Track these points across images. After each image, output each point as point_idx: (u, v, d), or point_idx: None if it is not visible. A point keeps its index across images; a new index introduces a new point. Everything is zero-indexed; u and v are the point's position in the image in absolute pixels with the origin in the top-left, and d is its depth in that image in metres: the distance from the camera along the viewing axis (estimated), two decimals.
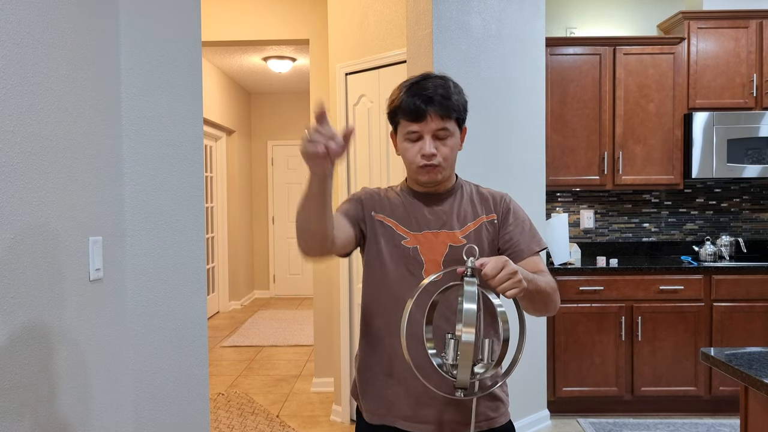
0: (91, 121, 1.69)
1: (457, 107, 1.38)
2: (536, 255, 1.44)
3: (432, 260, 1.41)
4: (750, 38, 3.72)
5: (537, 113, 3.40)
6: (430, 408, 1.39)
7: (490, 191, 1.52)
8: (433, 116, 1.35)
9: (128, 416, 1.92)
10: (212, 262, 7.09)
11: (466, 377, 1.11)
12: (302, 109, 8.09)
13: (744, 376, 1.47)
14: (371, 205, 1.47)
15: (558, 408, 3.57)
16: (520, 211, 1.49)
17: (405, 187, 1.51)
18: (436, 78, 1.39)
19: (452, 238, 1.42)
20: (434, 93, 1.34)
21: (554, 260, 3.58)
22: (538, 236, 1.48)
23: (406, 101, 1.36)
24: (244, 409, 3.85)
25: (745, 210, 4.15)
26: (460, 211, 1.46)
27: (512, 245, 1.44)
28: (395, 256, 1.42)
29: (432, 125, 1.36)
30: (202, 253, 2.03)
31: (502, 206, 1.48)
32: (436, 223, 1.44)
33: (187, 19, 1.97)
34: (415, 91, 1.36)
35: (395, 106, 1.40)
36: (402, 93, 1.38)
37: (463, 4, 3.00)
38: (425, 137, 1.37)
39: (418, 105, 1.34)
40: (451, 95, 1.36)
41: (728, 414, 3.53)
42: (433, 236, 1.42)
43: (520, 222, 1.46)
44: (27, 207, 1.39)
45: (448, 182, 1.48)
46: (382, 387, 1.44)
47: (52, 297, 1.50)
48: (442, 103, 1.35)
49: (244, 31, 4.18)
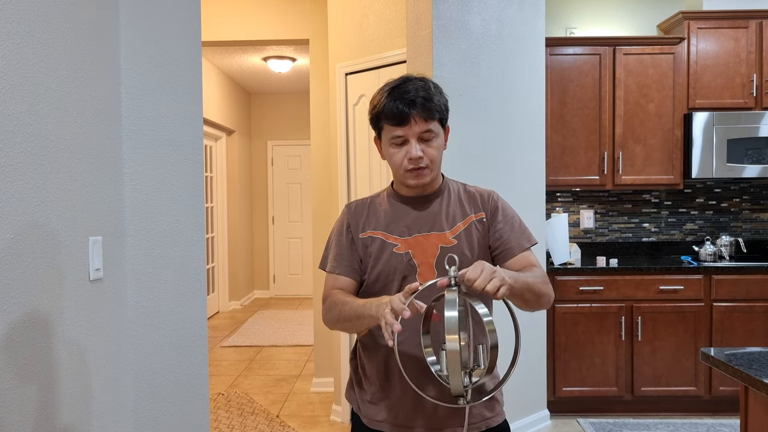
0: (91, 121, 1.69)
1: (439, 108, 1.38)
2: (527, 251, 1.45)
3: (425, 263, 1.41)
4: (750, 38, 3.72)
5: (537, 113, 3.40)
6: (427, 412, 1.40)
7: (477, 189, 1.52)
8: (416, 119, 1.34)
9: (128, 416, 1.92)
10: (212, 262, 7.09)
11: (458, 384, 1.12)
12: (302, 109, 8.09)
13: (744, 376, 1.47)
14: (356, 226, 1.48)
15: (558, 408, 3.57)
16: (508, 208, 1.50)
17: (391, 192, 1.51)
18: (416, 80, 1.38)
19: (443, 239, 1.42)
20: (416, 96, 1.34)
21: (554, 260, 3.58)
22: (527, 232, 1.48)
23: (388, 106, 1.35)
24: (244, 409, 3.85)
25: (745, 210, 4.15)
26: (448, 212, 1.45)
27: (502, 243, 1.44)
28: (389, 264, 1.42)
29: (416, 128, 1.35)
30: (202, 253, 2.03)
31: (490, 204, 1.48)
32: (426, 225, 1.44)
33: (187, 19, 1.97)
34: (397, 95, 1.35)
35: (377, 111, 1.39)
36: (383, 97, 1.37)
37: (463, 4, 3.00)
38: (411, 141, 1.36)
39: (401, 109, 1.34)
40: (432, 96, 1.36)
41: (728, 414, 3.53)
42: (423, 239, 1.42)
43: (509, 219, 1.47)
44: (27, 207, 1.39)
45: (434, 183, 1.47)
46: (379, 392, 1.44)
47: (52, 297, 1.50)
48: (425, 105, 1.34)
49: (244, 31, 4.18)
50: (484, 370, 1.20)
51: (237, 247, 7.52)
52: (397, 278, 1.41)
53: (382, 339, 1.43)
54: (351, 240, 1.48)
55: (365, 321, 1.30)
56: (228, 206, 7.40)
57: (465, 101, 3.02)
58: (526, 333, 3.30)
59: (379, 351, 1.44)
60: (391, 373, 1.42)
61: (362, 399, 1.48)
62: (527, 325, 3.25)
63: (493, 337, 1.16)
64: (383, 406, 1.44)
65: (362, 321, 1.31)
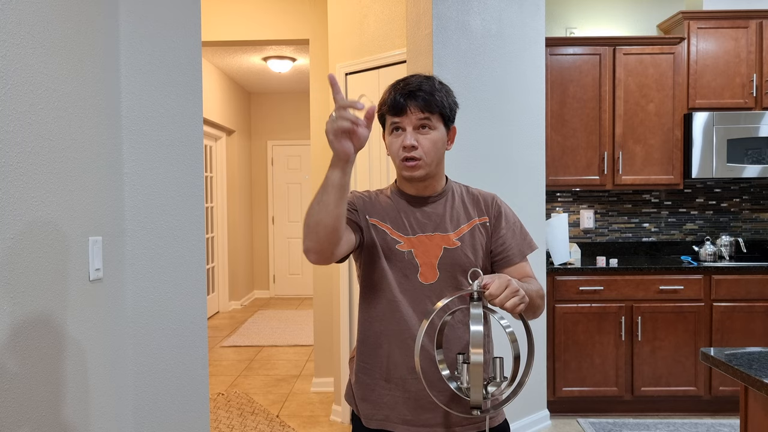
0: (91, 121, 1.69)
1: (441, 103, 1.39)
2: (525, 260, 1.48)
3: (427, 263, 1.41)
4: (750, 38, 3.72)
5: (537, 113, 3.40)
6: (430, 412, 1.40)
7: (480, 192, 1.53)
8: (413, 109, 1.36)
9: (128, 416, 1.92)
10: (212, 262, 7.09)
11: (479, 397, 1.14)
12: (302, 109, 8.09)
13: (744, 376, 1.47)
14: (364, 209, 1.46)
15: (558, 408, 3.57)
16: (510, 214, 1.51)
17: (395, 189, 1.50)
18: (422, 77, 1.41)
19: (446, 241, 1.42)
20: (417, 88, 1.37)
21: (554, 260, 3.58)
22: (528, 238, 1.50)
23: (390, 97, 1.39)
24: (244, 409, 3.85)
25: (745, 210, 4.15)
26: (452, 214, 1.46)
27: (504, 249, 1.46)
28: (391, 260, 1.42)
29: (412, 117, 1.37)
30: (202, 253, 2.03)
31: (494, 209, 1.49)
32: (430, 225, 1.44)
33: (187, 19, 1.97)
34: (400, 87, 1.39)
35: (381, 103, 1.43)
36: (388, 92, 1.42)
37: (463, 4, 3.00)
38: (407, 129, 1.38)
39: (398, 99, 1.37)
40: (434, 92, 1.38)
41: (728, 414, 3.53)
42: (427, 239, 1.42)
43: (511, 225, 1.49)
44: (27, 207, 1.39)
45: (438, 185, 1.47)
46: (380, 391, 1.44)
47: (52, 297, 1.50)
48: (424, 98, 1.36)
49: (244, 31, 4.18)
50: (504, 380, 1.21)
51: (237, 247, 7.52)
52: (398, 275, 1.41)
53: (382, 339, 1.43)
54: (357, 215, 1.44)
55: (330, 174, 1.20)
56: (228, 206, 7.39)
57: (465, 101, 3.02)
58: None
59: (378, 348, 1.44)
60: (390, 370, 1.42)
61: (361, 398, 1.48)
62: None
63: (516, 348, 1.18)
64: (383, 405, 1.43)
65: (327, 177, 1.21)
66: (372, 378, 1.46)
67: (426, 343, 1.36)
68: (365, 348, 1.48)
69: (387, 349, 1.42)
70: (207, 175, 6.89)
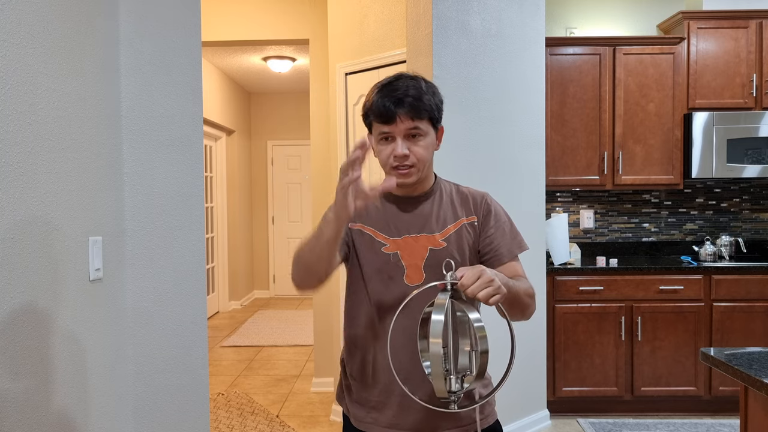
0: (91, 121, 1.69)
1: (429, 107, 1.35)
2: (516, 259, 1.44)
3: (413, 265, 1.39)
4: (750, 38, 3.72)
5: (537, 113, 3.40)
6: (415, 414, 1.38)
7: (470, 191, 1.50)
8: (403, 118, 1.32)
9: (128, 416, 1.92)
10: (212, 262, 7.09)
11: (440, 385, 1.13)
12: (302, 109, 8.09)
13: (744, 376, 1.47)
14: None
15: (558, 408, 3.57)
16: (500, 212, 1.47)
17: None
18: (407, 78, 1.37)
19: (432, 242, 1.40)
20: (404, 94, 1.32)
21: (554, 260, 3.58)
22: (518, 238, 1.46)
23: (377, 103, 1.34)
24: (244, 409, 3.85)
25: (745, 210, 4.15)
26: (439, 214, 1.43)
27: (493, 249, 1.42)
28: (376, 263, 1.40)
29: (402, 126, 1.33)
30: (201, 253, 2.03)
31: (483, 207, 1.46)
32: (416, 226, 1.41)
33: (187, 19, 1.97)
34: (386, 92, 1.34)
35: (367, 107, 1.38)
36: (374, 95, 1.37)
37: (463, 4, 3.00)
38: (397, 138, 1.35)
39: (387, 107, 1.32)
40: (422, 96, 1.34)
41: (728, 414, 3.53)
42: (413, 240, 1.40)
43: (501, 224, 1.45)
44: (27, 207, 1.39)
45: (426, 184, 1.45)
46: (367, 393, 1.43)
47: (52, 297, 1.50)
48: (413, 104, 1.32)
49: (244, 31, 4.18)
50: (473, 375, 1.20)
51: (237, 247, 7.52)
52: (383, 278, 1.39)
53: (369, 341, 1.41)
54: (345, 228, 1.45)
55: (326, 229, 1.23)
56: (228, 206, 7.39)
57: (465, 101, 3.02)
58: (525, 333, 3.31)
59: (364, 351, 1.43)
60: (376, 373, 1.41)
61: (350, 400, 1.48)
62: (527, 325, 3.25)
63: (484, 343, 1.16)
64: (370, 407, 1.43)
65: (323, 232, 1.23)
66: (358, 380, 1.45)
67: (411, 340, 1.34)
68: (352, 350, 1.47)
69: (372, 352, 1.41)
70: (207, 175, 6.89)
